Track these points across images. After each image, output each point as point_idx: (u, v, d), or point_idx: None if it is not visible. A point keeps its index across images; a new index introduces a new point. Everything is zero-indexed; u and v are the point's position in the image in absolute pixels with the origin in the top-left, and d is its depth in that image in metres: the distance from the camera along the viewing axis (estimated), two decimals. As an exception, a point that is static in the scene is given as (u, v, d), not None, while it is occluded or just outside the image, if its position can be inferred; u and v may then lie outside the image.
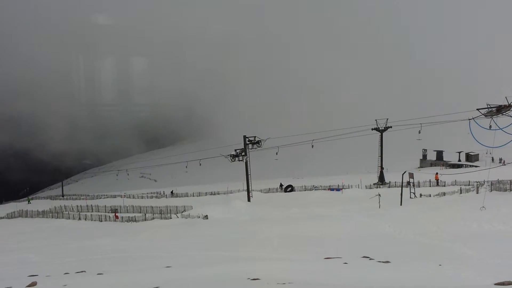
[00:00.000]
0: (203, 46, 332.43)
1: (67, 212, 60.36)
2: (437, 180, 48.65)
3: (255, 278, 11.57)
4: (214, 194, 69.90)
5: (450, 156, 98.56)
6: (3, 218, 61.92)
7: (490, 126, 29.39)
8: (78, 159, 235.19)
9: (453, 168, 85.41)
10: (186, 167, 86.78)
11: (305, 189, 63.74)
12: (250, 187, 56.75)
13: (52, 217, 58.33)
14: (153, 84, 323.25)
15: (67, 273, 15.96)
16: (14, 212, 62.73)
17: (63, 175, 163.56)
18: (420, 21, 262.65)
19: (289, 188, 65.21)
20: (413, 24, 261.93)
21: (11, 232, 47.33)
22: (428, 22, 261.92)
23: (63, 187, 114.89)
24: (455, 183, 53.02)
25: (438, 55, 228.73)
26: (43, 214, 59.93)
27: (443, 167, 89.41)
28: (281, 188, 65.18)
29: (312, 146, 61.85)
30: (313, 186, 64.48)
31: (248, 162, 57.34)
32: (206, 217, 43.66)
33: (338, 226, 29.47)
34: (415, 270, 13.21)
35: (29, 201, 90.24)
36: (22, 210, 63.11)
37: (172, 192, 75.12)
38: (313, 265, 14.72)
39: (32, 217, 59.96)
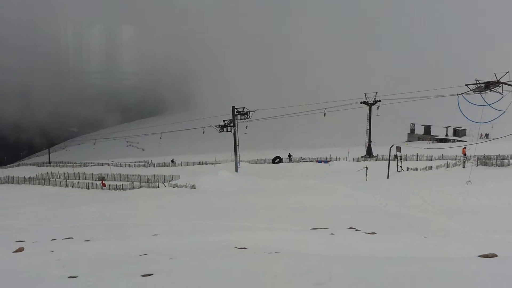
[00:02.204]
0: (197, 14, 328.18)
1: (54, 179, 60.28)
2: (465, 154, 47.66)
3: (242, 247, 11.64)
4: (202, 164, 69.94)
5: (438, 131, 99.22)
6: (-11, 184, 61.71)
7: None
8: (65, 126, 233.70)
9: (440, 142, 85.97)
10: (161, 138, 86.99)
11: (291, 161, 63.97)
12: (238, 158, 56.83)
13: (39, 184, 58.29)
14: (142, 52, 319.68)
15: (54, 239, 15.94)
16: (0, 178, 62.45)
17: (50, 141, 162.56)
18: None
19: (277, 160, 65.37)
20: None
21: (-2, 198, 47.20)
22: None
23: (50, 154, 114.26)
24: (442, 157, 53.43)
25: (432, 31, 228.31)
26: (29, 180, 59.81)
27: (431, 142, 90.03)
28: (289, 159, 65.00)
29: (324, 114, 62.10)
30: (301, 158, 64.73)
31: (237, 133, 57.32)
32: (193, 186, 43.78)
33: (325, 198, 29.66)
34: (401, 242, 13.36)
35: None
36: (8, 176, 62.91)
37: (172, 160, 74.81)
38: (299, 235, 14.82)
39: (18, 183, 59.83)
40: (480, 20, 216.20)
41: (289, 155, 65.94)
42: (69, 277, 8.47)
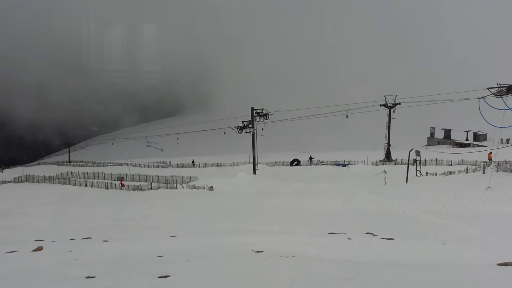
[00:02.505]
0: (217, 13, 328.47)
1: (73, 179, 60.83)
2: (491, 159, 47.02)
3: (259, 250, 11.65)
4: (220, 165, 70.01)
5: (458, 135, 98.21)
6: (10, 182, 62.41)
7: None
8: (85, 126, 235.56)
9: (460, 147, 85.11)
10: (178, 138, 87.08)
11: (311, 164, 63.76)
12: (256, 159, 56.79)
13: (59, 183, 58.80)
14: (162, 52, 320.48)
15: (73, 239, 16.12)
16: (21, 176, 63.19)
17: (70, 141, 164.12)
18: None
19: (295, 162, 65.23)
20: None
21: (18, 196, 47.78)
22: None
23: (70, 153, 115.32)
24: (461, 162, 52.90)
25: (452, 32, 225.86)
26: (49, 179, 60.39)
27: (450, 146, 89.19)
28: (310, 161, 64.77)
29: (347, 116, 61.85)
30: (319, 161, 64.53)
31: (255, 135, 57.30)
32: (211, 188, 43.84)
33: (343, 202, 29.55)
34: (418, 248, 13.27)
35: (3, 169, 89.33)
36: (29, 175, 63.63)
37: (193, 161, 74.82)
38: (316, 239, 14.79)
39: (38, 182, 60.43)
40: (506, 22, 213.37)
41: (310, 158, 65.69)
42: (87, 277, 8.56)
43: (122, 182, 53.28)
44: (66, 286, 8.20)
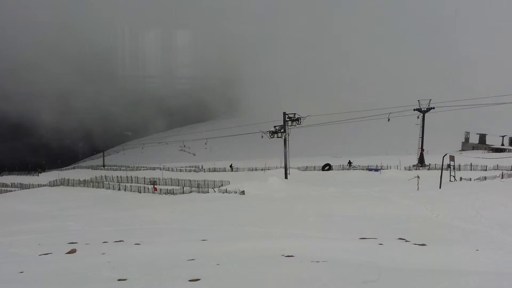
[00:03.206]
0: (247, 18, 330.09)
1: (107, 182, 61.70)
2: None
3: (290, 255, 11.63)
4: (252, 170, 70.16)
5: (493, 140, 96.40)
6: (45, 185, 63.63)
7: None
8: (120, 130, 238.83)
9: (496, 152, 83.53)
10: (206, 143, 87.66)
11: (343, 169, 63.38)
12: (288, 164, 56.73)
13: (93, 187, 59.75)
14: (194, 57, 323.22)
15: (106, 242, 16.32)
16: (56, 180, 64.39)
17: (105, 145, 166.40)
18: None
19: (327, 167, 64.95)
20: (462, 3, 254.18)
21: (53, 199, 48.71)
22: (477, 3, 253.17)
23: (104, 157, 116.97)
24: (497, 168, 51.96)
25: (487, 36, 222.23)
26: (84, 183, 61.36)
27: (486, 151, 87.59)
28: (349, 165, 64.43)
29: (389, 119, 61.57)
30: (350, 163, 64.14)
31: (287, 139, 57.26)
32: (243, 192, 43.94)
33: (375, 207, 29.28)
34: (452, 254, 13.07)
35: (39, 172, 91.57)
36: (64, 178, 64.78)
37: (231, 166, 75.05)
38: (347, 244, 14.69)
39: (73, 186, 61.48)
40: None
41: (349, 162, 65.27)
42: (119, 280, 8.67)
43: (155, 186, 53.81)
44: (98, 288, 8.33)
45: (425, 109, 63.53)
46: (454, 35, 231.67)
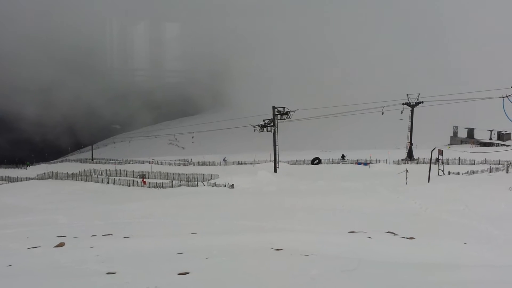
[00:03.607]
0: (235, 12, 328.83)
1: (96, 176, 61.44)
2: None
3: (279, 248, 11.64)
4: (241, 163, 70.17)
5: (481, 134, 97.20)
6: (34, 179, 63.27)
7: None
8: (108, 124, 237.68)
9: (484, 146, 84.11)
10: (193, 137, 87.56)
11: (332, 163, 63.57)
12: (277, 158, 56.77)
13: (81, 180, 59.51)
14: (183, 51, 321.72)
15: (94, 235, 16.27)
16: (44, 173, 64.03)
17: (93, 138, 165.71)
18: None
19: (316, 161, 65.10)
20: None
21: (41, 193, 48.45)
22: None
23: (93, 150, 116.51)
24: (485, 162, 52.33)
25: (472, 31, 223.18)
26: (72, 176, 61.05)
27: (474, 145, 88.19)
28: (342, 158, 64.52)
29: (382, 113, 61.74)
30: (342, 157, 64.37)
31: (276, 133, 57.27)
32: (232, 186, 43.97)
33: (364, 201, 29.39)
34: (440, 248, 13.15)
35: (28, 165, 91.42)
36: (52, 172, 64.38)
37: (224, 159, 74.95)
38: (336, 238, 14.72)
39: (62, 179, 61.12)
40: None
41: (343, 156, 65.39)
42: (108, 273, 8.64)
43: (144, 180, 53.69)
44: (87, 281, 8.28)
45: (414, 103, 63.82)
46: (447, 31, 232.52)
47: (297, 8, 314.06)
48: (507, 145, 77.57)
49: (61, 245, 13.33)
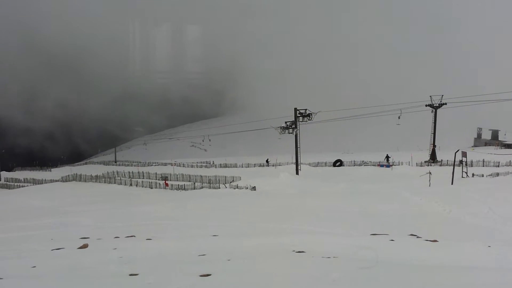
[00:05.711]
0: (259, 14, 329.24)
1: (119, 178, 61.96)
2: None
3: (300, 250, 11.63)
4: (263, 166, 70.15)
5: (506, 136, 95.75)
6: (58, 181, 64.05)
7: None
8: (131, 126, 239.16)
9: (508, 148, 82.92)
10: (208, 139, 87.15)
11: (354, 165, 63.20)
12: (299, 160, 56.64)
13: (105, 182, 60.00)
14: (206, 53, 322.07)
15: (117, 237, 16.39)
16: (68, 175, 64.77)
17: (117, 141, 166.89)
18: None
19: (338, 163, 64.79)
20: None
21: (65, 195, 49.00)
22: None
23: (116, 153, 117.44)
24: (509, 164, 51.63)
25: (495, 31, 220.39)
26: (96, 178, 61.63)
27: (498, 147, 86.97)
28: (387, 160, 63.52)
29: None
30: (362, 161, 63.88)
31: (298, 135, 57.16)
32: (254, 188, 43.95)
33: (387, 203, 29.16)
34: (464, 250, 12.99)
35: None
36: (76, 174, 65.12)
37: (267, 161, 74.17)
38: (359, 240, 14.64)
39: (85, 181, 61.76)
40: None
41: (387, 156, 63.73)
42: (130, 275, 8.71)
43: (166, 182, 53.96)
44: (110, 283, 8.37)
45: (437, 104, 63.14)
46: (465, 33, 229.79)
47: (315, 11, 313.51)
48: (533, 147, 76.43)
49: (84, 246, 13.48)
